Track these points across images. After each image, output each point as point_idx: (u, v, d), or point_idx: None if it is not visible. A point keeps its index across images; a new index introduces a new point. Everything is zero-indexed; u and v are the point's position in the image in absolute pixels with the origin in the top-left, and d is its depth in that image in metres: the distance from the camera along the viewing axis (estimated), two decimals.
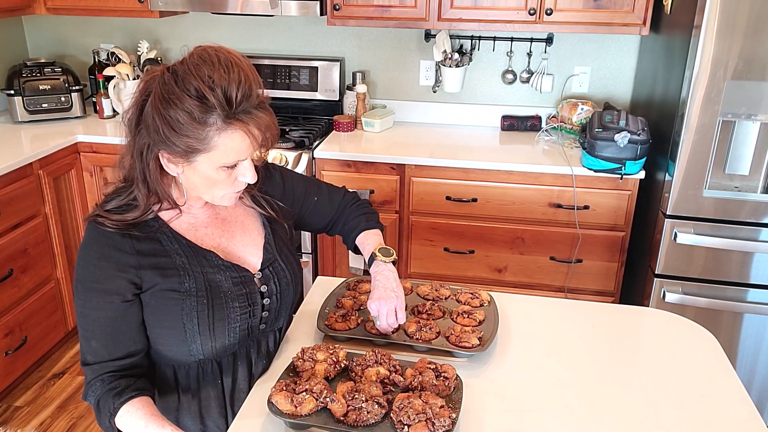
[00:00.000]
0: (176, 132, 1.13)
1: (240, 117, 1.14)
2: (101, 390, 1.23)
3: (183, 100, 1.11)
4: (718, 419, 1.25)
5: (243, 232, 1.39)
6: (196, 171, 1.20)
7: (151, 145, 1.19)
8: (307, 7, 2.75)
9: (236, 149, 1.17)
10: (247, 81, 1.14)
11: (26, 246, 2.62)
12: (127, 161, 1.25)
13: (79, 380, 2.79)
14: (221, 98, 1.12)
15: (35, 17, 3.34)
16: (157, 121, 1.14)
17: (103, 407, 1.22)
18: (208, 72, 1.12)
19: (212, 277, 1.28)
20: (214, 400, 1.34)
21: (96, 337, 1.24)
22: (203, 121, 1.12)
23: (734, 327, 2.48)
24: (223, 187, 1.24)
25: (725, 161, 2.34)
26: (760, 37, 2.14)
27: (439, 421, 1.11)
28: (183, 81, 1.12)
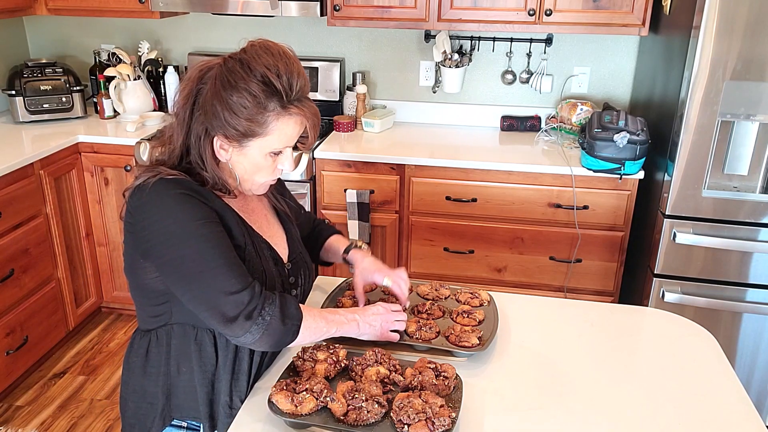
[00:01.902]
0: (237, 115, 1.20)
1: (296, 104, 1.23)
2: (279, 297, 1.23)
3: (249, 84, 1.18)
4: (717, 418, 1.25)
5: (268, 224, 1.44)
6: (245, 156, 1.26)
7: (208, 130, 1.24)
8: (308, 7, 2.75)
9: (288, 135, 1.25)
10: (304, 74, 1.25)
11: (27, 246, 2.63)
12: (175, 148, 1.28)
13: (80, 380, 2.80)
14: (286, 85, 1.20)
15: (36, 18, 3.35)
16: (217, 105, 1.20)
17: (290, 310, 1.23)
18: (273, 61, 1.20)
19: (261, 251, 1.34)
20: (244, 374, 1.35)
21: (237, 259, 1.23)
22: (265, 105, 1.20)
23: (733, 326, 2.48)
24: (264, 175, 1.31)
25: (724, 161, 2.35)
26: (759, 38, 2.14)
27: (439, 420, 1.11)
28: (249, 67, 1.19)
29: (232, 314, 1.18)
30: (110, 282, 3.15)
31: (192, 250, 1.19)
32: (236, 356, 1.34)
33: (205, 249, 1.20)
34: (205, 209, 1.23)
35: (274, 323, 1.20)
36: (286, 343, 1.24)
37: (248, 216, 1.38)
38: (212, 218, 1.24)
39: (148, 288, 1.31)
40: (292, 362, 1.30)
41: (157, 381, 1.36)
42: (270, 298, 1.22)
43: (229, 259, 1.21)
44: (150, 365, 1.37)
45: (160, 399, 1.37)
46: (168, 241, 1.20)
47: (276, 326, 1.21)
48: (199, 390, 1.34)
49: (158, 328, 1.34)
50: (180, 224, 1.20)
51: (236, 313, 1.18)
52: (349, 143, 2.90)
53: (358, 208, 2.74)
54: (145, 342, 1.37)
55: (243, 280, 1.20)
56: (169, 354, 1.34)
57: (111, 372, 2.86)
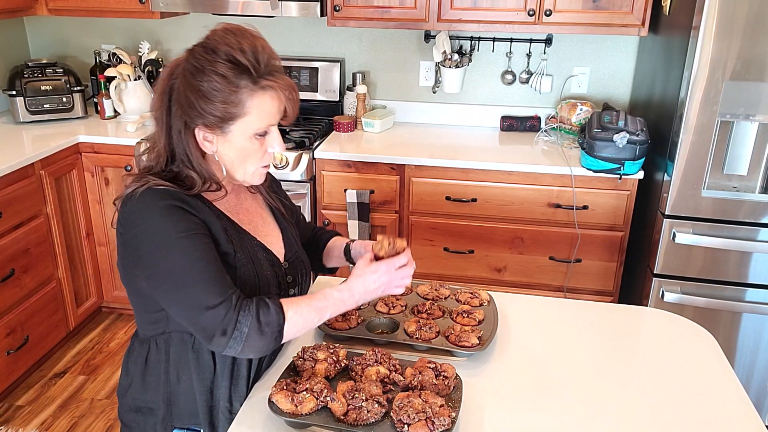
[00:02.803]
0: (211, 100, 1.19)
1: (268, 78, 1.22)
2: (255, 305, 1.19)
3: (216, 66, 1.18)
4: (717, 418, 1.25)
5: (263, 223, 1.43)
6: (231, 143, 1.25)
7: (188, 122, 1.23)
8: (308, 8, 2.76)
9: (267, 111, 1.23)
10: (269, 47, 1.24)
11: (28, 246, 2.63)
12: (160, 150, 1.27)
13: (80, 380, 2.81)
14: (252, 59, 1.19)
15: (37, 18, 3.35)
16: (190, 95, 1.20)
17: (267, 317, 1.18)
18: (235, 39, 1.20)
19: (255, 253, 1.33)
20: (243, 379, 1.35)
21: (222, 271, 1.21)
22: (236, 83, 1.19)
23: (732, 326, 2.49)
24: (255, 161, 1.29)
25: (723, 161, 2.35)
26: (758, 38, 2.15)
27: (439, 420, 1.12)
28: (213, 50, 1.19)
29: (210, 330, 1.17)
30: (110, 282, 3.15)
31: (174, 264, 1.19)
32: (234, 362, 1.33)
33: (186, 263, 1.18)
34: (190, 221, 1.22)
35: (252, 334, 1.17)
36: (271, 348, 1.22)
37: (242, 217, 1.37)
38: (197, 230, 1.22)
39: (144, 295, 1.30)
40: (292, 362, 1.30)
41: (157, 389, 1.36)
42: (246, 308, 1.18)
43: (209, 273, 1.19)
44: (149, 374, 1.36)
45: (161, 407, 1.37)
46: (153, 254, 1.20)
47: (255, 336, 1.18)
48: (198, 397, 1.34)
49: (157, 336, 1.33)
50: (164, 237, 1.19)
51: (213, 328, 1.17)
52: (349, 143, 2.90)
53: (358, 208, 2.75)
54: (144, 350, 1.36)
55: (220, 293, 1.17)
56: (168, 362, 1.33)
57: (111, 372, 2.86)
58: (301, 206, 2.81)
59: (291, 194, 2.77)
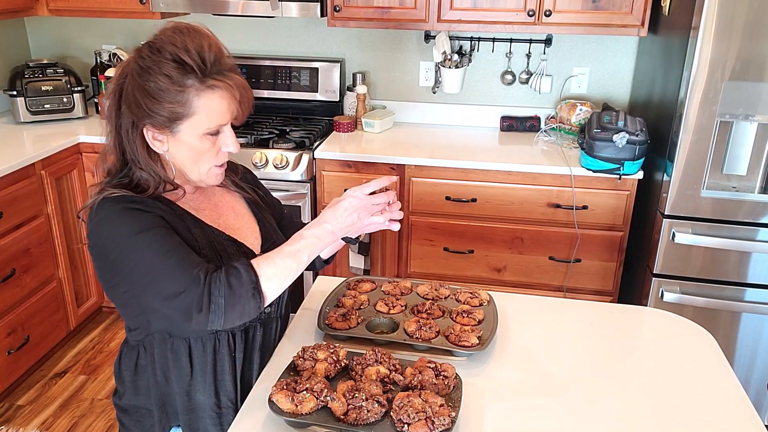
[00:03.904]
0: (158, 100, 1.18)
1: (216, 77, 1.20)
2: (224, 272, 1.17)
3: (161, 66, 1.17)
4: (716, 418, 1.26)
5: (236, 216, 1.42)
6: (181, 143, 1.23)
7: (135, 122, 1.22)
8: (308, 8, 2.76)
9: (216, 111, 1.21)
10: (216, 46, 1.21)
11: (28, 246, 2.63)
12: (111, 151, 1.27)
13: (80, 380, 2.81)
14: (197, 59, 1.17)
15: (37, 18, 3.36)
16: (137, 95, 1.18)
17: (238, 279, 1.17)
18: (180, 38, 1.18)
19: (222, 249, 1.31)
20: (228, 373, 1.36)
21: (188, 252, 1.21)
22: (182, 83, 1.17)
23: (732, 326, 2.49)
24: (208, 160, 1.27)
25: (723, 161, 2.35)
26: (758, 39, 2.15)
27: (439, 419, 1.12)
28: (159, 50, 1.18)
29: (188, 312, 1.17)
30: None
31: (138, 262, 1.19)
32: (215, 358, 1.34)
33: (148, 257, 1.18)
34: (145, 217, 1.21)
35: (229, 301, 1.17)
36: (256, 307, 1.20)
37: (209, 213, 1.36)
38: (156, 224, 1.21)
39: (125, 302, 1.31)
40: (292, 361, 1.31)
41: (148, 393, 1.37)
42: (216, 279, 1.17)
43: (172, 259, 1.18)
44: (140, 378, 1.37)
45: (155, 411, 1.37)
46: (120, 259, 1.21)
47: (233, 302, 1.17)
48: (177, 399, 1.35)
49: (143, 339, 1.34)
50: (123, 239, 1.20)
51: (190, 310, 1.17)
52: (350, 143, 2.90)
53: None
54: (134, 355, 1.37)
55: (186, 276, 1.16)
56: (155, 364, 1.34)
57: (112, 372, 2.85)
58: (301, 206, 2.81)
59: (291, 194, 2.79)
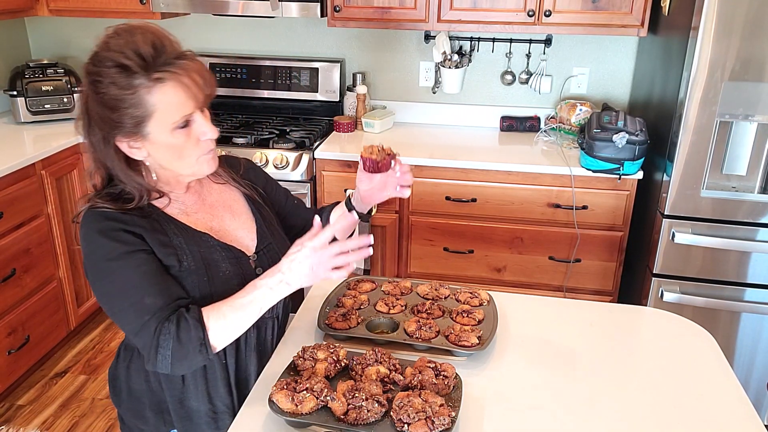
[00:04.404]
0: (115, 109, 1.16)
1: (161, 69, 1.16)
2: (175, 324, 1.17)
3: (106, 75, 1.15)
4: (716, 418, 1.26)
5: (232, 216, 1.41)
6: (156, 143, 1.21)
7: (105, 137, 1.21)
8: (308, 8, 2.76)
9: (174, 103, 1.18)
10: (152, 36, 1.17)
11: (29, 246, 2.64)
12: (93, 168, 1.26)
13: (81, 379, 2.81)
14: (135, 57, 1.14)
15: (38, 18, 3.36)
16: (98, 110, 1.18)
17: (186, 334, 1.17)
18: (114, 42, 1.17)
19: (209, 256, 1.30)
20: (221, 380, 1.36)
21: (147, 292, 1.19)
22: (129, 85, 1.15)
23: (732, 326, 2.49)
24: (191, 152, 1.24)
25: (723, 161, 2.36)
26: (757, 39, 2.15)
27: (439, 419, 1.12)
28: (99, 61, 1.17)
29: (142, 351, 1.20)
30: None
31: (104, 291, 1.22)
32: (205, 367, 1.34)
33: (112, 290, 1.20)
34: (121, 242, 1.20)
35: (177, 355, 1.17)
36: (203, 360, 1.20)
37: (202, 216, 1.35)
38: (130, 248, 1.21)
39: None
40: (292, 361, 1.31)
41: (142, 398, 1.37)
42: (165, 331, 1.17)
43: (134, 296, 1.18)
44: (133, 381, 1.37)
45: (149, 416, 1.37)
46: (92, 281, 1.23)
47: (180, 356, 1.18)
48: (170, 406, 1.35)
49: None
50: (96, 263, 1.21)
51: (143, 350, 1.20)
52: (350, 143, 2.90)
53: None
54: (128, 356, 1.38)
55: (140, 319, 1.17)
56: (147, 371, 1.34)
57: None
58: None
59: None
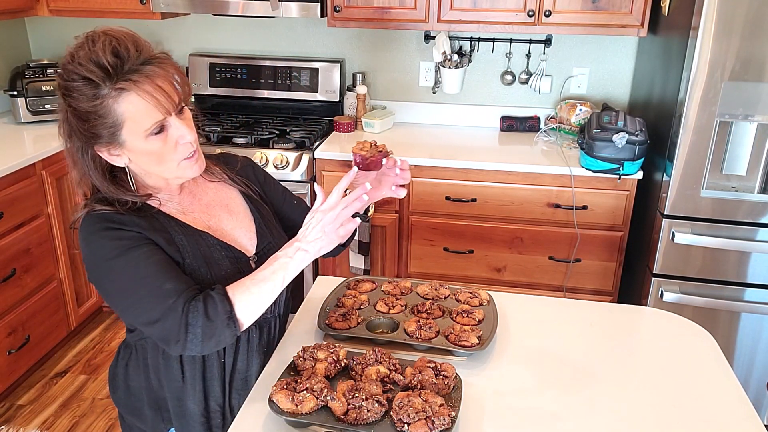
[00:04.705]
0: (87, 120, 1.15)
1: (125, 78, 1.14)
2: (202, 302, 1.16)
3: (73, 90, 1.14)
4: (716, 418, 1.26)
5: (230, 215, 1.40)
6: (134, 150, 1.20)
7: (84, 147, 1.20)
8: (308, 8, 2.76)
9: (142, 110, 1.15)
10: (115, 43, 1.14)
11: (29, 246, 2.64)
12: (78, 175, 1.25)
13: (81, 379, 2.81)
14: (96, 69, 1.12)
15: (38, 19, 3.36)
16: (72, 120, 1.17)
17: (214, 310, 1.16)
18: (77, 54, 1.15)
19: (209, 254, 1.29)
20: (218, 380, 1.36)
21: (165, 278, 1.18)
22: (97, 96, 1.13)
23: (731, 326, 2.49)
24: (171, 156, 1.22)
25: (722, 162, 2.36)
26: (757, 39, 2.15)
27: (439, 419, 1.12)
28: (67, 74, 1.15)
29: (164, 339, 1.18)
30: None
31: (115, 286, 1.20)
32: (204, 366, 1.34)
33: (125, 282, 1.18)
34: (124, 237, 1.20)
35: (207, 331, 1.16)
36: (231, 336, 1.19)
37: (199, 215, 1.34)
38: (133, 243, 1.20)
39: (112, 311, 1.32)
40: (292, 361, 1.31)
41: (141, 395, 1.37)
42: (194, 309, 1.16)
43: (151, 283, 1.17)
44: (131, 379, 1.37)
45: (148, 413, 1.37)
46: (98, 280, 1.22)
47: (210, 333, 1.17)
48: (170, 404, 1.35)
49: (136, 342, 1.34)
50: (101, 262, 1.20)
51: (167, 337, 1.17)
52: (350, 143, 2.90)
53: None
54: (126, 354, 1.38)
55: (161, 305, 1.16)
56: (147, 368, 1.34)
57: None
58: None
59: None
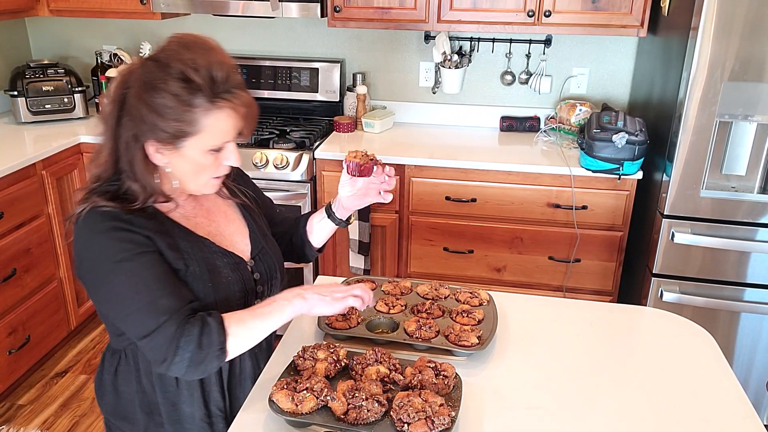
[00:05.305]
0: (163, 117, 1.14)
1: (224, 96, 1.16)
2: (198, 328, 1.15)
3: (169, 84, 1.13)
4: (716, 417, 1.26)
5: (227, 222, 1.40)
6: (184, 158, 1.20)
7: (138, 136, 1.18)
8: (308, 8, 2.77)
9: (223, 130, 1.19)
10: (226, 62, 1.18)
11: (29, 246, 2.64)
12: (105, 157, 1.24)
13: (81, 379, 2.82)
14: (206, 78, 1.14)
15: (38, 19, 3.36)
16: (142, 110, 1.15)
17: (208, 338, 1.15)
18: (189, 55, 1.14)
19: (212, 262, 1.29)
20: (216, 384, 1.36)
21: (161, 293, 1.17)
22: (190, 102, 1.14)
23: (731, 326, 2.50)
24: (209, 173, 1.25)
25: (722, 162, 2.36)
26: (757, 39, 2.16)
27: (439, 419, 1.12)
28: (166, 66, 1.14)
29: (151, 356, 1.17)
30: None
31: (113, 291, 1.18)
32: None
33: (123, 290, 1.16)
34: (131, 241, 1.18)
35: (195, 359, 1.15)
36: (217, 365, 1.19)
37: (200, 220, 1.34)
38: (139, 249, 1.18)
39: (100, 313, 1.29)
40: (292, 361, 1.31)
41: (132, 400, 1.36)
42: (188, 332, 1.14)
43: (147, 297, 1.16)
44: (120, 384, 1.36)
45: (140, 418, 1.36)
46: (95, 280, 1.20)
47: (198, 360, 1.15)
48: (162, 409, 1.34)
49: (126, 347, 1.32)
50: (103, 263, 1.17)
51: (154, 355, 1.16)
52: (350, 144, 2.91)
53: None
54: (114, 360, 1.36)
55: (156, 321, 1.14)
56: (139, 372, 1.33)
57: None
58: (301, 206, 2.82)
59: (291, 194, 2.80)
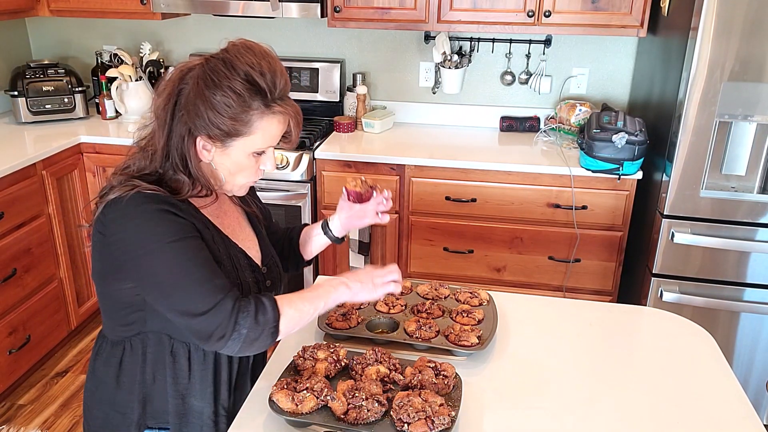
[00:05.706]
0: (221, 115, 1.18)
1: (279, 103, 1.23)
2: (254, 305, 1.19)
3: (233, 83, 1.17)
4: (716, 417, 1.26)
5: (241, 229, 1.43)
6: (228, 156, 1.25)
7: (192, 130, 1.22)
8: (308, 9, 2.77)
9: (272, 134, 1.24)
10: (284, 72, 1.25)
11: (30, 246, 2.64)
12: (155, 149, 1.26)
13: (81, 379, 2.82)
14: (270, 83, 1.20)
15: (39, 19, 3.36)
16: (200, 105, 1.19)
17: (264, 316, 1.19)
18: (256, 60, 1.20)
19: (237, 263, 1.33)
20: (225, 383, 1.36)
21: (215, 274, 1.21)
22: (249, 104, 1.19)
23: (731, 326, 2.50)
24: (247, 175, 1.30)
25: (722, 162, 2.36)
26: (757, 39, 2.16)
27: (439, 419, 1.13)
28: (232, 66, 1.18)
29: (205, 333, 1.18)
30: None
31: (165, 269, 1.18)
32: (216, 367, 1.34)
33: (177, 268, 1.18)
34: (181, 224, 1.21)
35: (251, 335, 1.18)
36: (270, 344, 1.22)
37: (223, 221, 1.37)
38: (190, 233, 1.22)
39: (119, 298, 1.29)
40: (292, 361, 1.31)
41: (131, 390, 1.35)
42: (244, 309, 1.19)
43: (202, 276, 1.19)
44: (124, 375, 1.35)
45: (135, 408, 1.35)
46: (142, 258, 1.19)
47: (254, 336, 1.19)
48: (170, 401, 1.34)
49: (132, 337, 1.32)
50: (154, 242, 1.18)
51: (209, 333, 1.17)
52: (350, 144, 2.91)
53: None
54: (117, 351, 1.34)
55: (213, 298, 1.17)
56: (145, 362, 1.32)
57: None
58: (301, 206, 2.82)
59: (291, 194, 2.80)
